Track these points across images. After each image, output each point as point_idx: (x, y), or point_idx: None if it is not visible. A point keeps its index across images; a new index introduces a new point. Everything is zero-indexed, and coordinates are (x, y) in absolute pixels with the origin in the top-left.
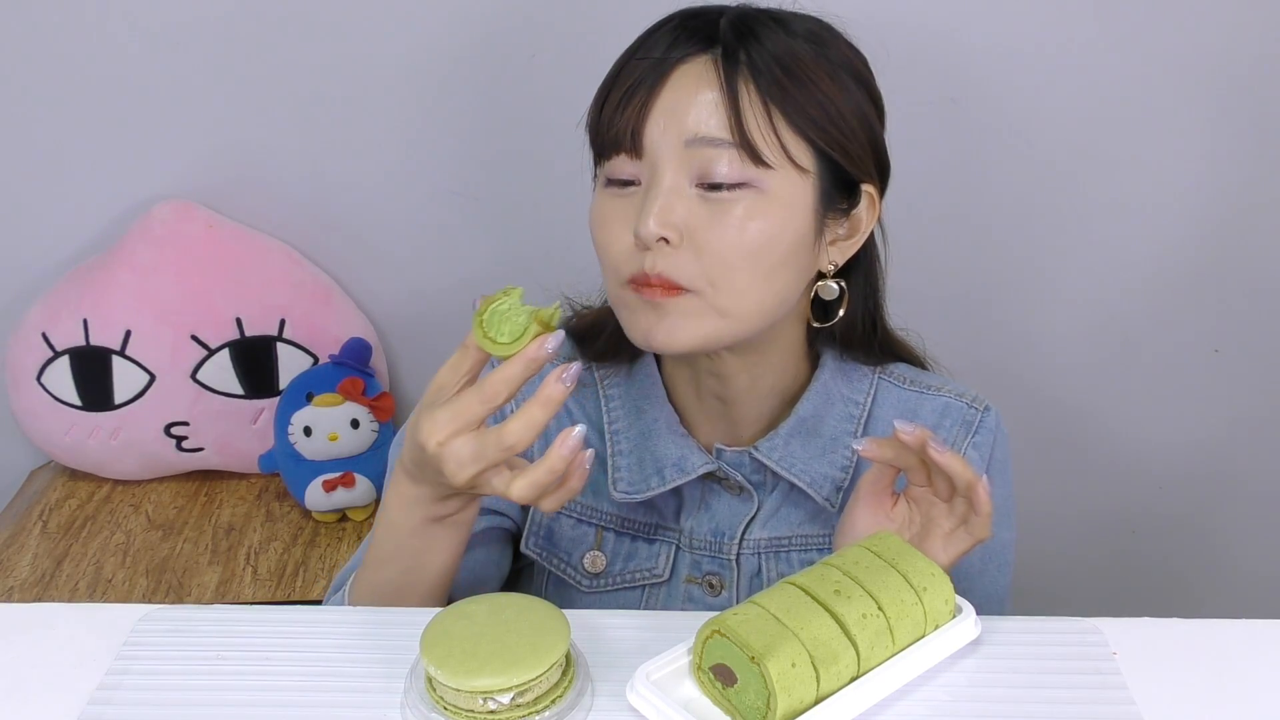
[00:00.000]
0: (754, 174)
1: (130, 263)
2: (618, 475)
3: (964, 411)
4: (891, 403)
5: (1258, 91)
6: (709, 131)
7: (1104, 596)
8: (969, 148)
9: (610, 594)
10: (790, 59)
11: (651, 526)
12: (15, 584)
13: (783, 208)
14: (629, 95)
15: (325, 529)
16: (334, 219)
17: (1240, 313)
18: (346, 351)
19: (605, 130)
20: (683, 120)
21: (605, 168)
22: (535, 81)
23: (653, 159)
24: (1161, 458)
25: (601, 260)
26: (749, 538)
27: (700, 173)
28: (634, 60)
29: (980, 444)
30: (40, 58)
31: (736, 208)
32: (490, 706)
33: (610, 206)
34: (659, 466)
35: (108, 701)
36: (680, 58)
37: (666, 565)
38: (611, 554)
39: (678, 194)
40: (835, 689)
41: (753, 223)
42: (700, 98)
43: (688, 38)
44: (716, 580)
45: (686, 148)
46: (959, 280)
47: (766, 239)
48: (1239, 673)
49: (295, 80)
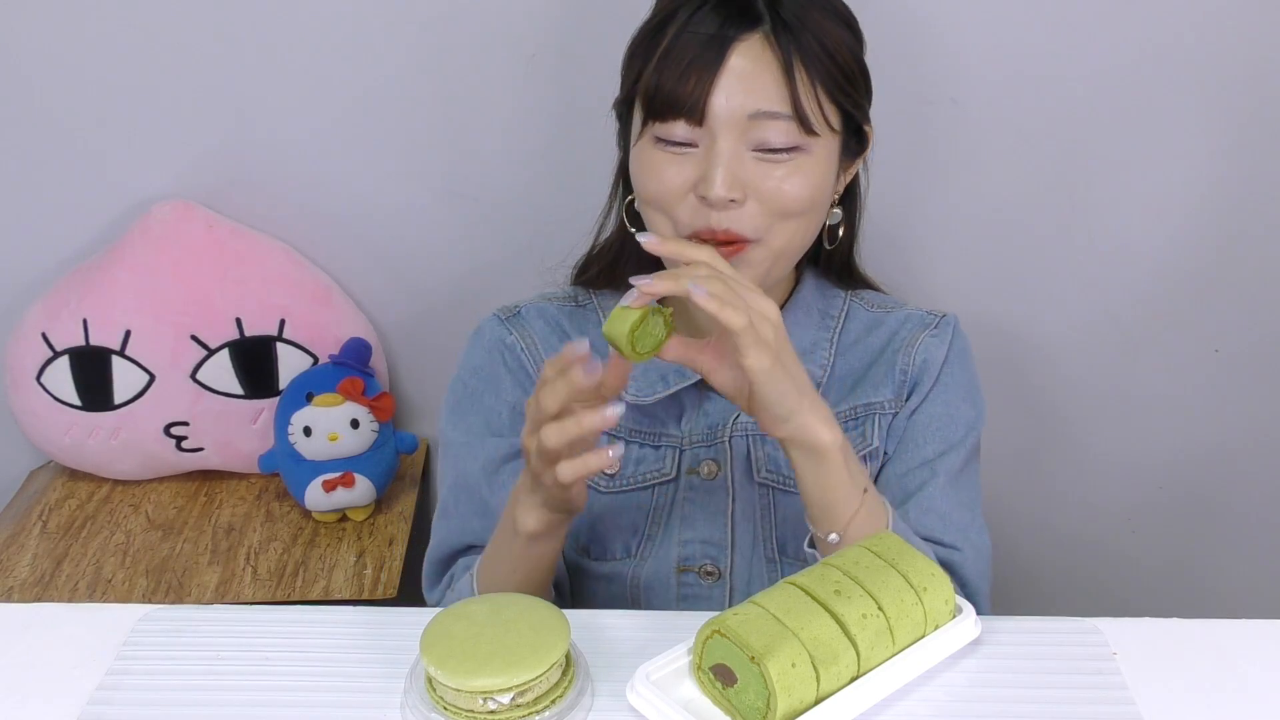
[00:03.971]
0: (803, 140)
1: (130, 263)
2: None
3: (923, 318)
4: (860, 319)
5: (1258, 91)
6: (770, 106)
7: (1104, 596)
8: (969, 148)
9: (625, 494)
10: (821, 31)
11: (655, 434)
12: (15, 584)
13: (823, 163)
14: (690, 67)
15: (325, 529)
16: (334, 219)
17: (1240, 313)
18: (346, 351)
19: (667, 97)
20: (745, 95)
21: (658, 128)
22: (535, 81)
23: (713, 127)
24: (1161, 458)
25: (652, 205)
26: (739, 423)
27: (759, 140)
28: (686, 34)
29: (938, 334)
30: (40, 57)
31: (789, 167)
32: (490, 706)
33: (662, 160)
34: (662, 374)
35: (108, 701)
36: (735, 35)
37: (673, 465)
38: (624, 460)
39: (739, 159)
40: (835, 689)
41: (803, 179)
42: (762, 75)
43: (736, 14)
44: (712, 465)
45: (749, 119)
46: (958, 280)
47: (813, 191)
48: (1239, 673)
49: (295, 80)
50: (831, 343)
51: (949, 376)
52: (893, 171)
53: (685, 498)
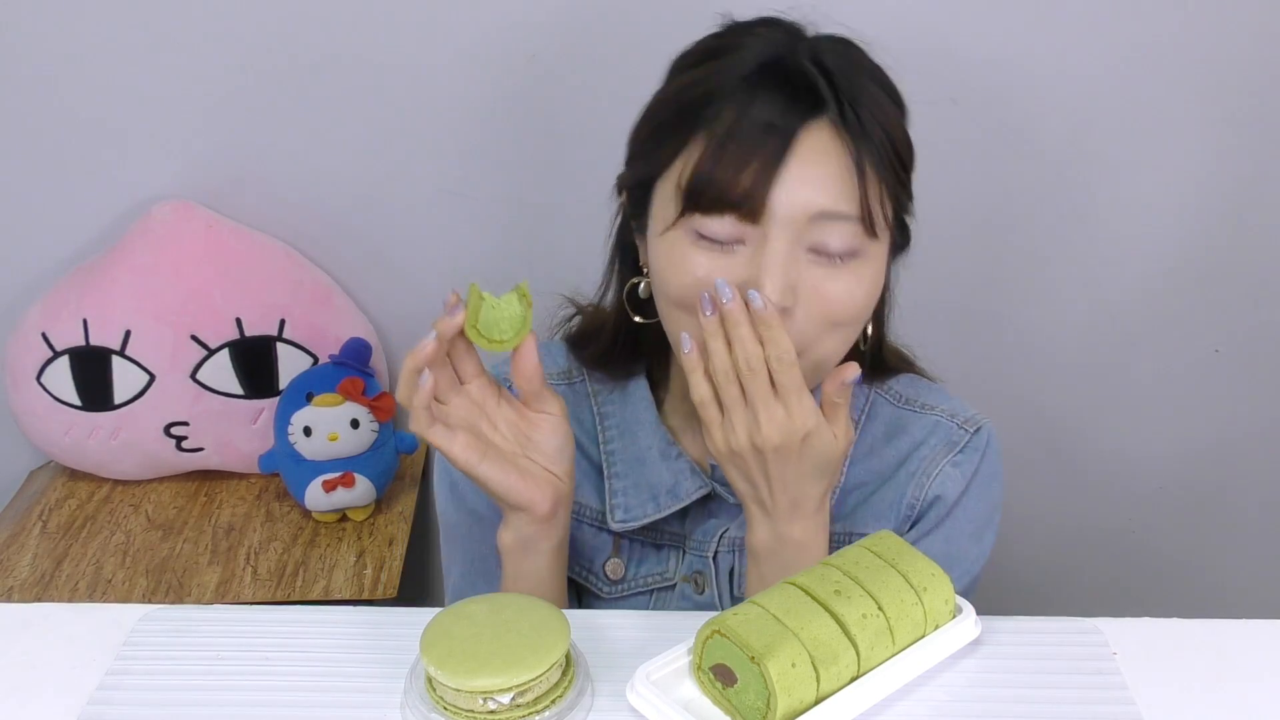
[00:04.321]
0: (864, 244)
1: (130, 263)
2: (614, 503)
3: (952, 431)
4: (883, 419)
5: (1258, 92)
6: (837, 206)
7: (1104, 596)
8: (969, 148)
9: (628, 599)
10: (881, 113)
11: (658, 532)
12: (15, 584)
13: (879, 266)
14: (751, 156)
15: (325, 529)
16: (334, 219)
17: (1240, 313)
18: (346, 351)
19: (719, 189)
20: (812, 192)
21: (699, 222)
22: (535, 82)
23: (769, 226)
24: (1161, 458)
25: (679, 305)
26: (726, 536)
27: (816, 242)
28: (743, 120)
29: (962, 462)
30: (40, 57)
31: (846, 272)
32: (490, 706)
33: (700, 260)
34: (654, 493)
35: (108, 701)
36: (801, 123)
37: (675, 569)
38: (627, 560)
39: (794, 261)
40: (835, 689)
41: (860, 288)
42: (831, 170)
43: (800, 99)
44: (700, 578)
45: (811, 221)
46: (959, 281)
47: (866, 300)
48: (1239, 673)
49: (295, 80)
50: (846, 454)
51: (962, 512)
52: None
53: (678, 608)
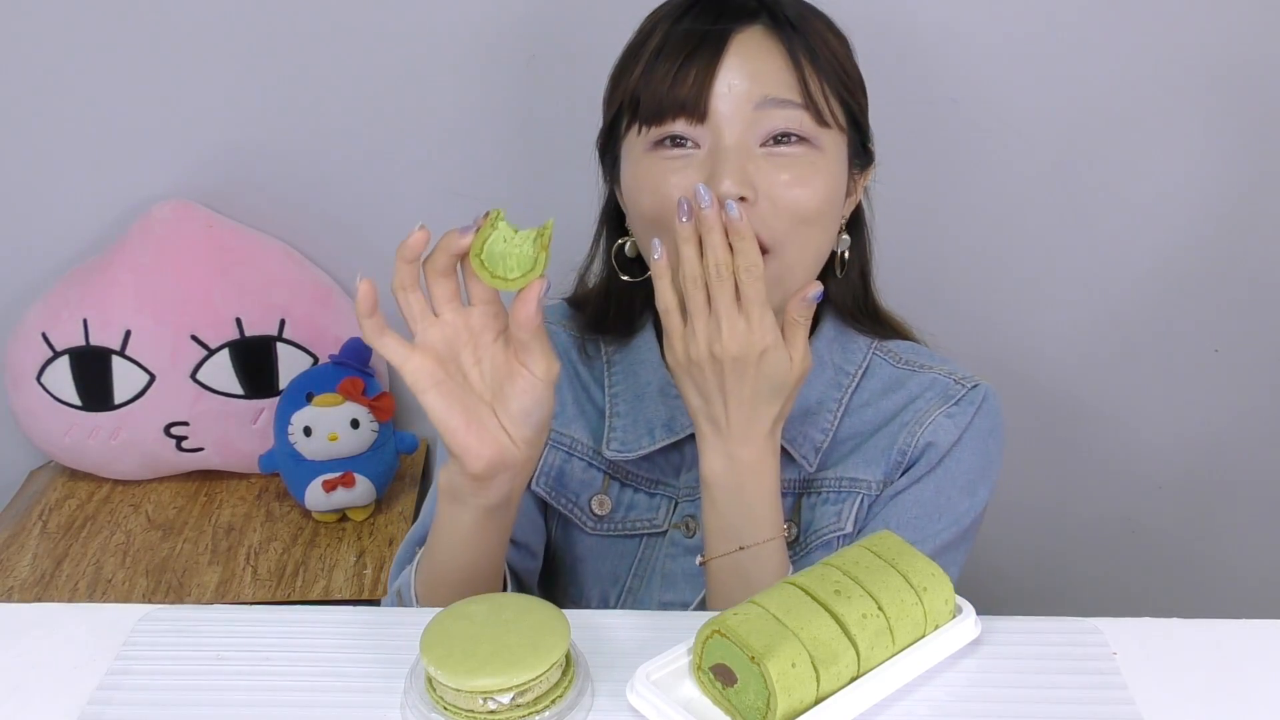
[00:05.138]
0: (815, 132)
1: (130, 263)
2: (612, 435)
3: (949, 386)
4: (881, 376)
5: (1257, 91)
6: (780, 93)
7: (1104, 596)
8: (969, 148)
9: (612, 539)
10: (821, 34)
11: (653, 481)
12: (15, 584)
13: (835, 164)
14: (688, 61)
15: (325, 529)
16: (334, 219)
17: (1240, 313)
18: (346, 351)
19: (664, 96)
20: (751, 81)
21: (652, 132)
22: (534, 82)
23: (717, 122)
24: (1161, 457)
25: (654, 222)
26: None
27: (768, 129)
28: (677, 29)
29: (956, 414)
30: (40, 57)
31: (803, 163)
32: (490, 706)
33: (661, 168)
34: (650, 427)
35: (108, 701)
36: (733, 27)
37: (666, 517)
38: (615, 501)
39: (748, 153)
40: (835, 689)
41: (818, 177)
42: (769, 62)
43: (731, 12)
44: (692, 522)
45: (756, 109)
46: (958, 280)
47: (828, 193)
48: (1239, 673)
49: (295, 80)
50: (841, 402)
51: (954, 462)
52: (892, 171)
53: (668, 554)
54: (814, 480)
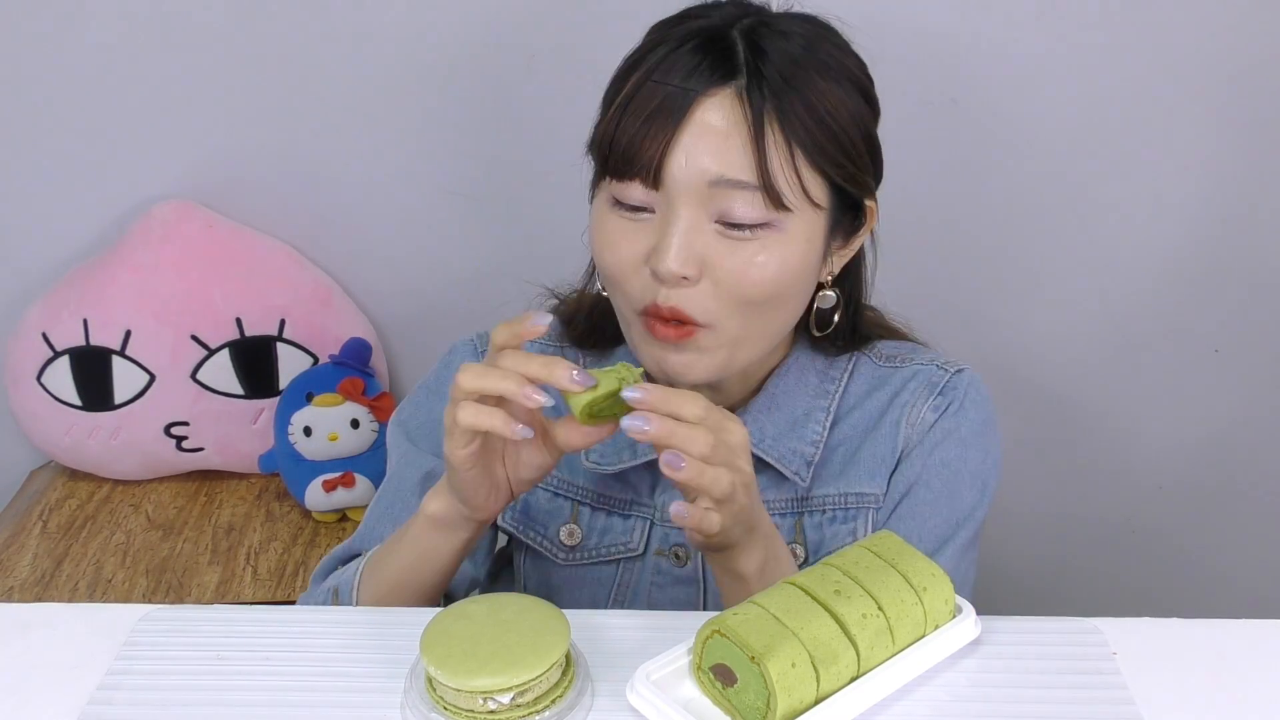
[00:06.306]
0: (774, 215)
1: (130, 263)
2: (589, 451)
3: (932, 374)
4: (864, 378)
5: (1258, 92)
6: (734, 174)
7: (1104, 596)
8: (969, 148)
9: (586, 567)
10: (813, 91)
11: (626, 502)
12: (15, 584)
13: (800, 244)
14: (649, 123)
15: (325, 529)
16: (334, 219)
17: (1240, 313)
18: (346, 351)
19: (622, 155)
20: (708, 160)
21: (614, 188)
22: (533, 82)
23: (671, 193)
24: (1161, 458)
25: (607, 278)
26: None
27: (721, 211)
28: (650, 83)
29: (939, 405)
30: (40, 58)
31: (755, 246)
32: (490, 706)
33: (618, 227)
34: (630, 440)
35: (108, 701)
36: (702, 90)
37: (641, 539)
38: (587, 528)
39: (697, 230)
40: (835, 689)
41: (772, 261)
42: (727, 139)
43: (709, 66)
44: (682, 551)
45: (711, 187)
46: (959, 281)
47: (784, 275)
48: (1239, 673)
49: (295, 80)
50: (829, 411)
51: (960, 464)
52: (892, 172)
53: (654, 583)
54: (813, 498)
